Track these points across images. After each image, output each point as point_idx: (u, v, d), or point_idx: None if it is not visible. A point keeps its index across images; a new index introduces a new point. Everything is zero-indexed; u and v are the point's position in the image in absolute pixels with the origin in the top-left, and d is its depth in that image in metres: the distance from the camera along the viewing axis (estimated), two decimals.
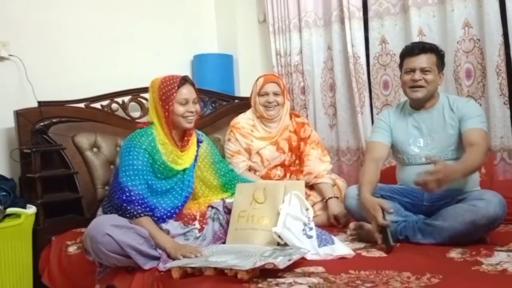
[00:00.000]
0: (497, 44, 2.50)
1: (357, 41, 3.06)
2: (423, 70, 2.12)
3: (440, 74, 2.19)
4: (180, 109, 2.04)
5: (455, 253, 1.81)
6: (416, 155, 2.17)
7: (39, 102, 2.55)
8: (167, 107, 2.02)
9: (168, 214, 2.03)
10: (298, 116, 2.83)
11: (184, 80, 2.07)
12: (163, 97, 2.02)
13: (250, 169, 2.67)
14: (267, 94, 2.66)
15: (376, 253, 1.88)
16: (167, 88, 2.02)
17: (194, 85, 2.12)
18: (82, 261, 2.04)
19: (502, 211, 1.87)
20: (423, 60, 2.13)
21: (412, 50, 2.17)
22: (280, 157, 2.67)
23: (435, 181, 1.76)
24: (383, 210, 1.93)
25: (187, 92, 2.06)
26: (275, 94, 2.66)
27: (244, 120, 2.74)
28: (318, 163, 2.65)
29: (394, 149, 2.29)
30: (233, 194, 2.19)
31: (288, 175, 2.67)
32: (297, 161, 2.70)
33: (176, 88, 2.02)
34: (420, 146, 2.17)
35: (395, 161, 2.38)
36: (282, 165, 2.67)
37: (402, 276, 1.57)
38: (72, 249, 2.18)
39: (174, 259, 1.80)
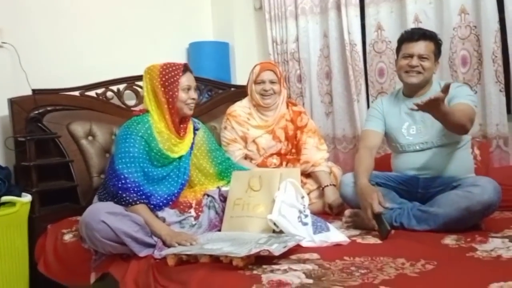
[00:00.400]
0: (493, 31, 2.49)
1: (353, 28, 3.05)
2: (421, 57, 2.12)
3: (435, 63, 2.18)
4: (183, 95, 2.05)
5: (450, 240, 1.82)
6: (409, 143, 2.17)
7: (34, 90, 2.53)
8: (171, 93, 2.02)
9: (164, 201, 2.03)
10: (295, 105, 2.82)
11: (185, 67, 2.09)
12: (166, 84, 2.02)
13: (246, 157, 2.66)
14: (263, 82, 2.64)
15: (371, 240, 1.89)
16: (170, 75, 2.03)
17: (192, 72, 2.14)
18: (78, 249, 2.04)
19: (497, 197, 1.87)
20: (422, 47, 2.12)
21: (412, 35, 2.15)
22: (276, 146, 2.66)
23: (426, 105, 1.76)
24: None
25: (189, 79, 2.09)
26: (272, 82, 2.65)
27: (241, 108, 2.72)
28: (315, 152, 2.64)
29: (388, 137, 2.29)
30: (229, 182, 2.19)
31: (284, 163, 2.66)
32: (293, 150, 2.70)
33: (181, 74, 2.04)
34: (413, 134, 2.17)
35: (390, 149, 2.39)
36: (278, 153, 2.67)
37: (397, 262, 1.57)
38: (67, 237, 2.18)
39: (169, 246, 1.80)
